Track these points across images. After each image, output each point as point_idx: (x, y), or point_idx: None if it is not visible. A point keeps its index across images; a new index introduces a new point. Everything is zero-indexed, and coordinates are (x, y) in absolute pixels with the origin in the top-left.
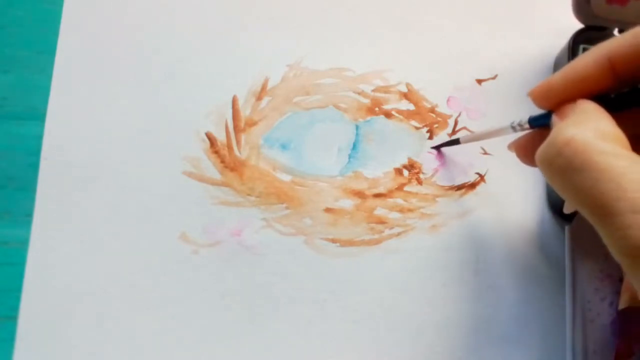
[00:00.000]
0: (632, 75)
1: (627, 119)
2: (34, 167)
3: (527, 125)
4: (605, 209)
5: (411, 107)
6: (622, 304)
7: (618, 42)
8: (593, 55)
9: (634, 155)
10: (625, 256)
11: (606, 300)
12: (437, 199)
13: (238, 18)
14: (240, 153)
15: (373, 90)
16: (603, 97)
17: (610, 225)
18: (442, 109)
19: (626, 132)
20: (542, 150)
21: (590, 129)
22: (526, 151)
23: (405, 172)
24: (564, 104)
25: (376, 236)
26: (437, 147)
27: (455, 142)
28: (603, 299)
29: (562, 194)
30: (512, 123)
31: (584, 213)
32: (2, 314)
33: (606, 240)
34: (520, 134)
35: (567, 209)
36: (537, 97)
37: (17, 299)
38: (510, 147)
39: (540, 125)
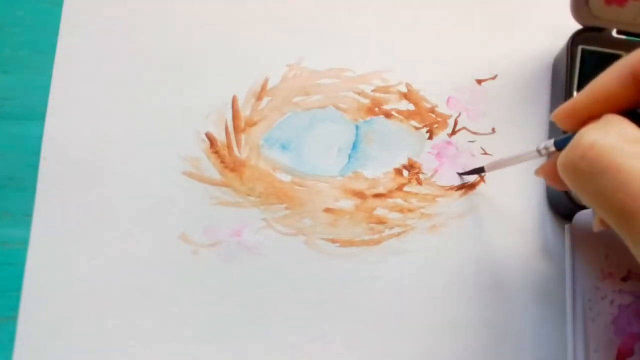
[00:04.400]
0: None
1: None
2: (34, 167)
3: (553, 149)
4: (630, 214)
5: (411, 107)
6: None
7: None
8: (616, 72)
9: None
10: None
11: (607, 299)
12: (437, 199)
13: (238, 18)
14: (240, 153)
15: (373, 91)
16: (630, 113)
17: (636, 230)
18: (442, 109)
19: None
20: (564, 155)
21: (614, 133)
22: (556, 175)
23: (406, 173)
24: (589, 123)
25: (376, 236)
26: (463, 175)
27: (481, 170)
28: (604, 298)
29: (586, 200)
30: (538, 147)
31: (608, 218)
32: (2, 314)
33: (631, 246)
34: (544, 158)
35: (596, 227)
36: (562, 118)
37: (17, 299)
38: (538, 173)
39: None
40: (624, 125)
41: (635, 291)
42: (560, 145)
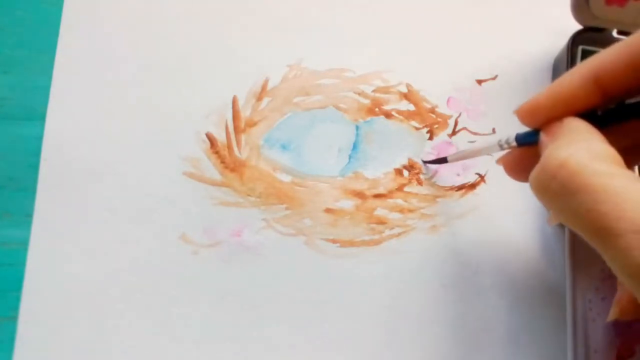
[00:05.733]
0: (618, 90)
1: (615, 133)
2: (34, 167)
3: (514, 143)
4: (605, 231)
5: (411, 107)
6: (612, 315)
7: (602, 58)
8: (578, 73)
9: (629, 173)
10: (630, 277)
11: (607, 300)
12: (437, 199)
13: (238, 18)
14: (240, 154)
15: (373, 91)
16: (590, 114)
17: (612, 247)
18: (442, 109)
19: (616, 146)
20: (535, 175)
21: (583, 150)
22: (514, 167)
23: (406, 173)
24: (551, 122)
25: (376, 237)
26: (427, 163)
27: (443, 160)
28: (604, 298)
29: (560, 218)
30: (500, 141)
31: (585, 236)
32: (2, 314)
33: (609, 262)
34: (507, 151)
35: (550, 222)
36: (524, 116)
37: (17, 299)
38: (498, 162)
39: (528, 143)
40: (592, 140)
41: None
42: (520, 140)
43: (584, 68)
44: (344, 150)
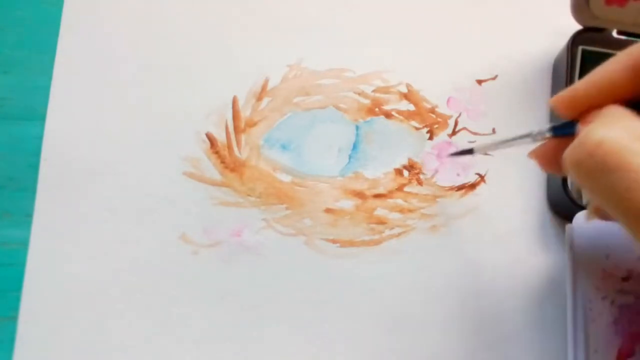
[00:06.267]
0: None
1: None
2: (34, 167)
3: (548, 135)
4: None
5: (411, 107)
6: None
7: None
8: (618, 62)
9: None
10: None
11: (607, 299)
12: (437, 199)
13: (238, 18)
14: (240, 154)
15: (373, 91)
16: (631, 103)
17: None
18: (442, 109)
19: None
20: (571, 151)
21: (622, 130)
22: (549, 159)
23: (406, 173)
24: (590, 112)
25: (376, 237)
26: (453, 155)
27: (470, 151)
28: (604, 298)
29: (593, 196)
30: (532, 132)
31: (616, 215)
32: (2, 314)
33: None
34: (539, 143)
35: (589, 217)
36: (561, 106)
37: (17, 299)
38: (530, 155)
39: (564, 134)
40: (631, 121)
41: (635, 291)
42: (557, 132)
43: (624, 57)
44: (344, 150)
